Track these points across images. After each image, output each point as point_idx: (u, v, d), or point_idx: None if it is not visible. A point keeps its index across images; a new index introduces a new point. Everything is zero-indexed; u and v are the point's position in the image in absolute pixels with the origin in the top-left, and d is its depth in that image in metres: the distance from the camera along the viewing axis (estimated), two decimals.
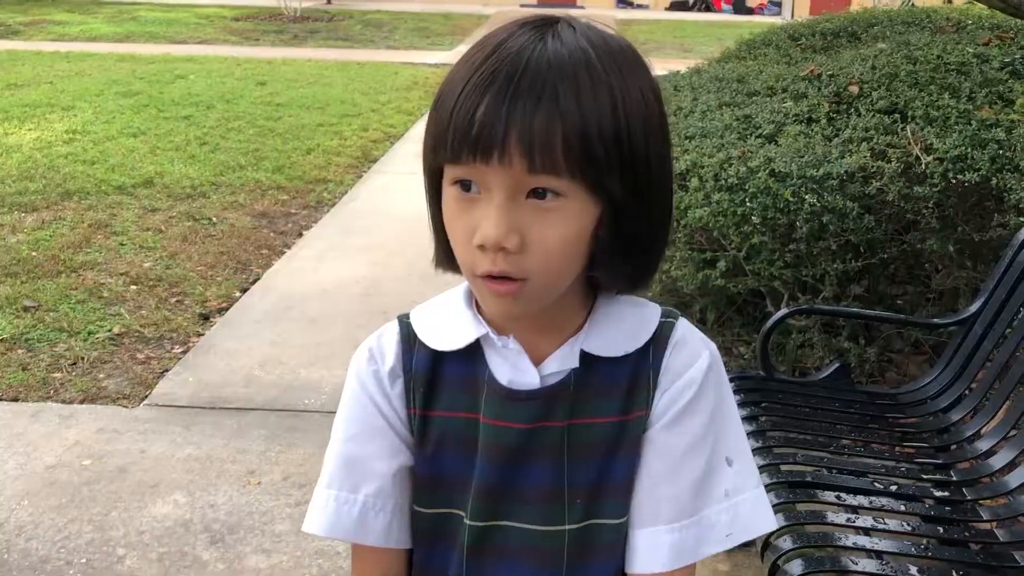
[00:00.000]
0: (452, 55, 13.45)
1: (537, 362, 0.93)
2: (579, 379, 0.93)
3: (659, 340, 0.94)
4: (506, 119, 0.78)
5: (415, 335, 0.97)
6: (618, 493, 0.94)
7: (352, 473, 0.96)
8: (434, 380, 0.96)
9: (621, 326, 0.94)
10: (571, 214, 0.82)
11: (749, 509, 0.94)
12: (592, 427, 0.93)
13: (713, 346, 0.96)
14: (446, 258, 0.92)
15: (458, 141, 0.80)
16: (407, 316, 1.00)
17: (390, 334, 0.98)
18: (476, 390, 0.94)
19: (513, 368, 0.93)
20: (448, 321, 0.96)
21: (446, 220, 0.87)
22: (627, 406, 0.93)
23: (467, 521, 0.95)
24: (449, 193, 0.85)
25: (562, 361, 0.93)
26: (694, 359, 0.93)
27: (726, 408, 0.95)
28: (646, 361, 0.94)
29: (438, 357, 0.95)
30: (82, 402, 3.38)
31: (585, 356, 0.93)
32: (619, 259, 0.88)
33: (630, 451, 0.93)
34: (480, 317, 0.94)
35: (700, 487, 0.92)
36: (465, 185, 0.83)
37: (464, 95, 0.80)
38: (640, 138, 0.83)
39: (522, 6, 22.70)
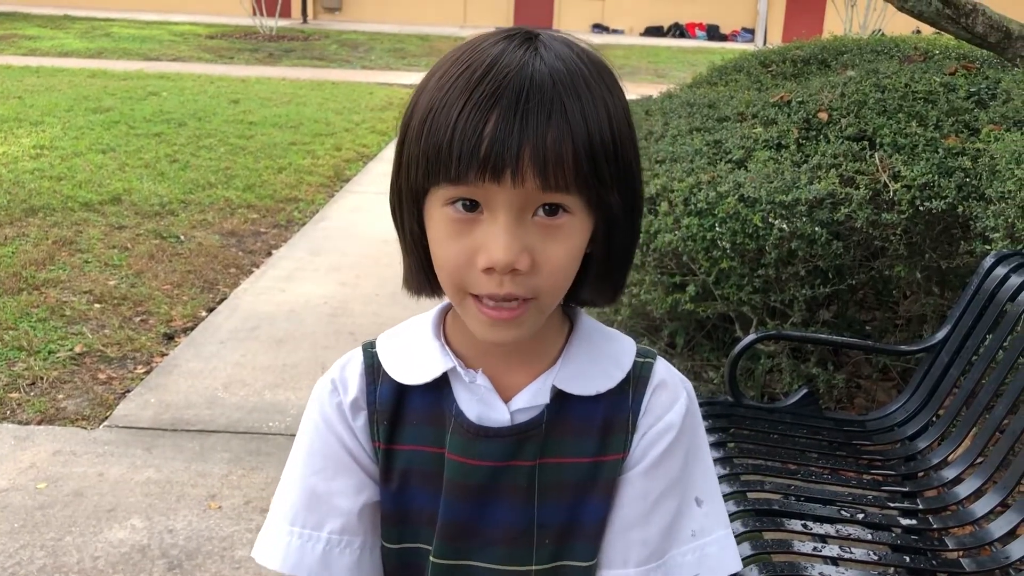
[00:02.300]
0: None
1: (506, 397, 0.90)
2: (551, 417, 0.89)
3: (638, 381, 0.91)
4: (519, 136, 0.75)
5: (379, 366, 0.93)
6: (588, 535, 0.91)
7: (316, 509, 0.91)
8: (398, 413, 0.92)
9: (596, 362, 0.91)
10: (575, 230, 0.81)
11: (716, 551, 0.91)
12: (564, 467, 0.90)
13: (690, 386, 0.94)
14: (426, 281, 0.88)
15: (464, 161, 0.76)
16: (372, 345, 0.96)
17: (353, 365, 0.95)
18: (442, 424, 0.90)
19: (481, 403, 0.89)
20: (414, 352, 0.92)
21: (436, 242, 0.82)
22: (602, 447, 0.90)
23: (432, 559, 0.92)
24: (442, 214, 0.80)
25: (533, 397, 0.89)
26: (673, 402, 0.91)
27: (699, 449, 0.93)
28: (624, 402, 0.91)
29: (403, 389, 0.92)
30: (39, 423, 3.30)
31: (557, 393, 0.89)
32: (605, 274, 0.87)
33: (603, 493, 0.90)
34: (448, 349, 0.91)
35: (669, 529, 0.90)
36: (466, 205, 0.79)
37: (466, 113, 0.76)
38: (629, 152, 0.82)
39: (498, 29, 22.84)
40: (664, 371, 0.93)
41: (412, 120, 0.82)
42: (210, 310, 4.43)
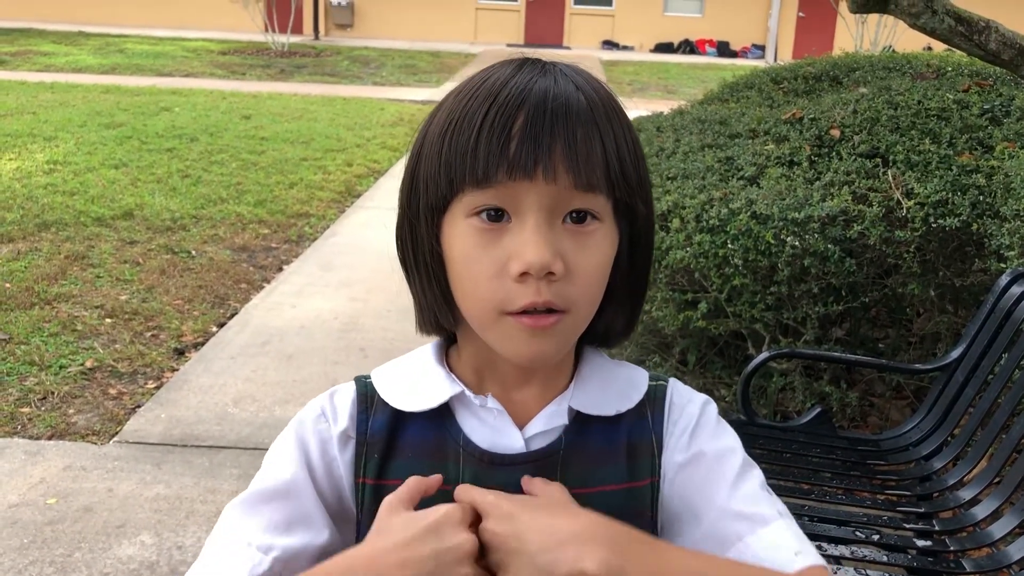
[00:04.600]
0: (439, 92, 13.52)
1: (518, 423, 0.85)
2: (571, 442, 0.85)
3: (656, 402, 0.89)
4: (549, 132, 0.73)
5: (373, 395, 0.88)
6: None
7: (270, 536, 0.84)
8: (392, 446, 0.87)
9: (611, 383, 0.88)
10: (605, 239, 0.78)
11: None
12: (592, 497, 0.84)
13: (705, 396, 0.92)
14: (448, 312, 0.83)
15: (492, 160, 0.73)
16: (367, 376, 0.91)
17: (344, 393, 0.89)
18: (443, 457, 0.85)
19: (492, 430, 0.84)
20: (416, 379, 0.87)
21: (459, 261, 0.77)
22: (631, 473, 0.86)
23: None
24: (466, 227, 0.76)
25: (548, 420, 0.85)
26: (687, 404, 0.89)
27: (736, 440, 0.89)
28: (645, 424, 0.88)
29: (398, 420, 0.86)
30: (50, 438, 3.30)
31: (576, 416, 0.86)
32: (625, 298, 0.85)
33: (636, 521, 0.85)
34: (453, 375, 0.86)
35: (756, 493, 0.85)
36: (492, 214, 0.75)
37: (492, 114, 0.74)
38: (646, 168, 0.82)
39: (509, 45, 22.96)
40: (677, 388, 0.92)
41: (428, 137, 0.79)
42: (221, 325, 4.43)
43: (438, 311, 0.84)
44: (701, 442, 0.88)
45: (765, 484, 0.87)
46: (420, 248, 0.82)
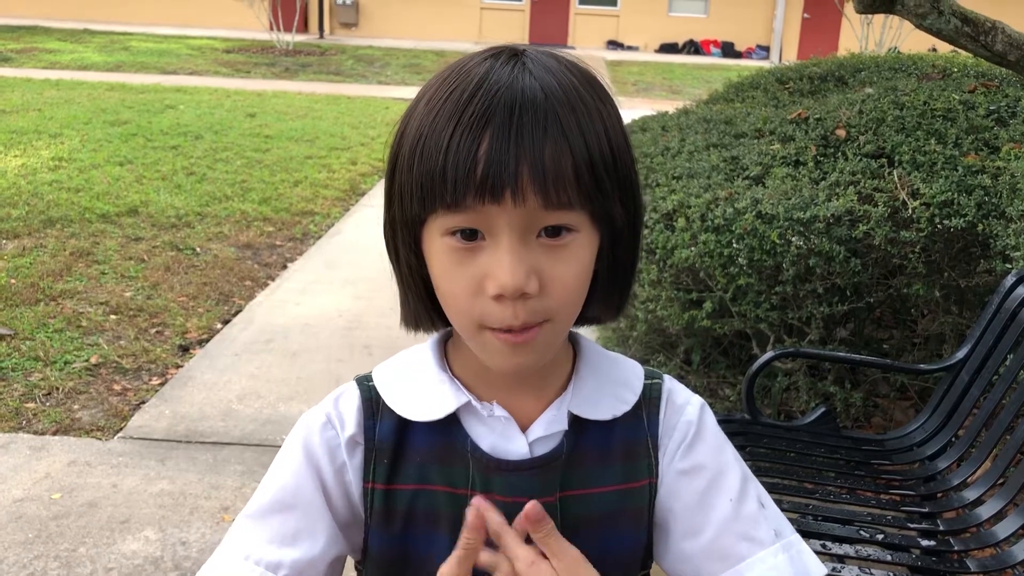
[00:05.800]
0: None
1: (522, 423, 0.86)
2: (571, 446, 0.86)
3: (650, 402, 0.90)
4: (516, 154, 0.71)
5: (378, 400, 0.88)
6: (622, 567, 0.88)
7: (277, 549, 0.84)
8: (400, 451, 0.87)
9: (606, 386, 0.89)
10: (582, 247, 0.77)
11: (802, 553, 0.86)
12: (589, 498, 0.87)
13: (700, 398, 0.93)
14: (426, 315, 0.85)
15: (460, 185, 0.72)
16: (368, 378, 0.90)
17: (349, 398, 0.89)
18: (451, 461, 0.86)
19: (498, 436, 0.85)
20: (420, 386, 0.88)
21: (438, 275, 0.78)
22: (627, 474, 0.87)
23: None
24: (442, 245, 0.76)
25: (548, 425, 0.86)
26: (685, 406, 0.91)
27: (734, 453, 0.91)
28: (640, 425, 0.89)
29: (405, 425, 0.87)
30: (55, 433, 3.31)
31: (573, 420, 0.86)
32: (613, 288, 0.84)
33: (633, 521, 0.88)
34: (457, 381, 0.87)
35: (749, 513, 0.86)
36: (466, 234, 0.75)
37: (458, 135, 0.72)
38: (628, 162, 0.79)
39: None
40: (672, 386, 0.92)
41: (402, 148, 0.78)
42: (225, 322, 4.44)
43: (419, 316, 0.85)
44: (702, 454, 0.89)
45: (762, 497, 0.89)
46: (401, 254, 0.83)
